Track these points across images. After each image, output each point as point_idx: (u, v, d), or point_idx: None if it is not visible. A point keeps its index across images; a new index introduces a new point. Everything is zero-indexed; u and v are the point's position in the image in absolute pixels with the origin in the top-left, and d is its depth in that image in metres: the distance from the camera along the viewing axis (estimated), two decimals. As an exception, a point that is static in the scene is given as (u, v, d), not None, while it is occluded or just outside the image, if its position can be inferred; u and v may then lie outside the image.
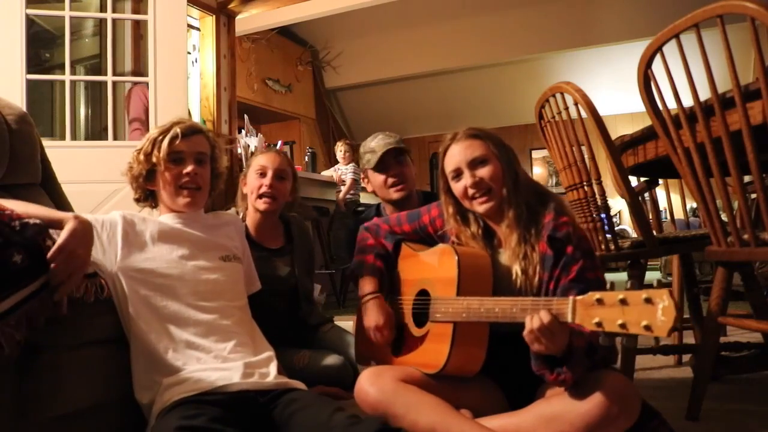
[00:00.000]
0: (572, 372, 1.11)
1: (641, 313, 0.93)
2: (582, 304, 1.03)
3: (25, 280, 1.09)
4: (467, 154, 1.35)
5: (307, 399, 1.24)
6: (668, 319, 0.90)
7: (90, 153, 3.09)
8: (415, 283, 1.46)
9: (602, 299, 0.99)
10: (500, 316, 1.17)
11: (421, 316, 1.39)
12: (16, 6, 2.95)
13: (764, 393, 1.88)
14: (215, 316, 1.39)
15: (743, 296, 1.89)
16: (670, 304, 0.90)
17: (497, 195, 1.33)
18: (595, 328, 0.99)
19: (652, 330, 0.91)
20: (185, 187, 1.46)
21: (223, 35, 4.17)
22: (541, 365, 1.14)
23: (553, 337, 1.07)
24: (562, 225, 1.27)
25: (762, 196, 1.33)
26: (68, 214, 1.23)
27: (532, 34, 7.25)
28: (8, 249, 1.06)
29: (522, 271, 1.29)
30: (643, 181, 2.47)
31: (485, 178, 1.33)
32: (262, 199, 1.95)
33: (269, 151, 2.06)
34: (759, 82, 1.26)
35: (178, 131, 1.45)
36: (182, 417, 1.09)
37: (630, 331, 0.95)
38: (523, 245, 1.30)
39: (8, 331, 1.07)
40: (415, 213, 1.56)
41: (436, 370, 1.28)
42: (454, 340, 1.26)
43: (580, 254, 1.25)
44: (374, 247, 1.58)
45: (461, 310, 1.25)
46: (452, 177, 1.38)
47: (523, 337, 1.11)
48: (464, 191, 1.35)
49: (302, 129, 8.12)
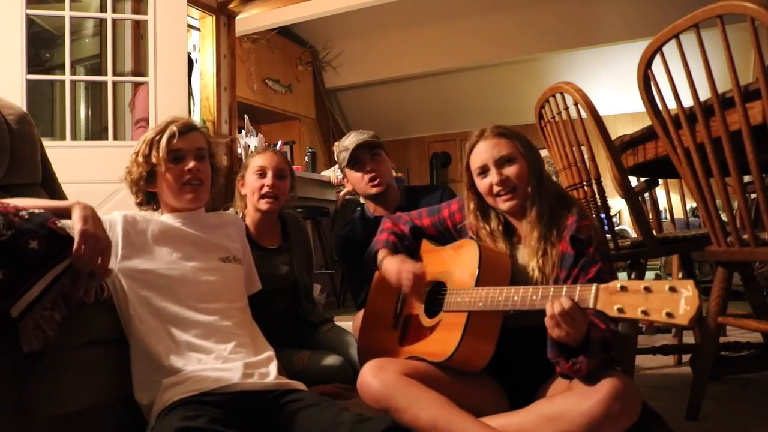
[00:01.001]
0: (588, 362, 1.13)
1: (664, 301, 0.94)
2: (605, 291, 1.04)
3: (47, 264, 1.12)
4: (494, 153, 1.37)
5: (310, 399, 1.24)
6: (691, 308, 0.91)
7: (90, 153, 3.09)
8: (432, 275, 1.46)
9: (626, 287, 1.01)
10: (519, 303, 1.18)
11: (434, 307, 1.40)
12: (16, 6, 2.95)
13: (764, 393, 1.88)
14: (216, 317, 1.39)
15: (743, 296, 1.90)
16: (694, 294, 0.91)
17: (522, 193, 1.35)
18: (617, 314, 1.00)
19: (674, 317, 0.92)
20: (188, 183, 1.47)
21: (223, 35, 4.17)
22: (557, 353, 1.15)
23: (574, 323, 1.08)
24: (585, 228, 1.29)
25: (762, 196, 1.33)
26: (70, 201, 1.25)
27: (532, 34, 7.24)
28: (23, 237, 1.08)
29: (539, 269, 1.30)
30: (643, 181, 2.47)
31: (511, 176, 1.35)
32: (264, 200, 1.95)
33: (266, 151, 2.06)
34: (759, 82, 1.27)
35: (175, 129, 1.45)
36: (182, 418, 1.09)
37: (652, 318, 0.95)
38: (543, 243, 1.32)
39: (47, 314, 1.11)
40: (435, 207, 1.59)
41: (444, 358, 1.28)
42: (466, 330, 1.26)
43: (600, 257, 1.27)
44: (391, 229, 1.60)
45: (478, 299, 1.25)
46: (478, 173, 1.40)
47: (530, 333, 1.11)
48: (489, 188, 1.37)
49: (302, 129, 8.11)
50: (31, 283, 1.10)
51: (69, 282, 1.15)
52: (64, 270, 1.14)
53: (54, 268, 1.13)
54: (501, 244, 1.40)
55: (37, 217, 1.14)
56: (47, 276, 1.12)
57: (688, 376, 1.63)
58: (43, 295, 1.11)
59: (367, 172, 1.99)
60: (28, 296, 1.10)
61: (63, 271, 1.14)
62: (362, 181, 2.01)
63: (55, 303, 1.13)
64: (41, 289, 1.11)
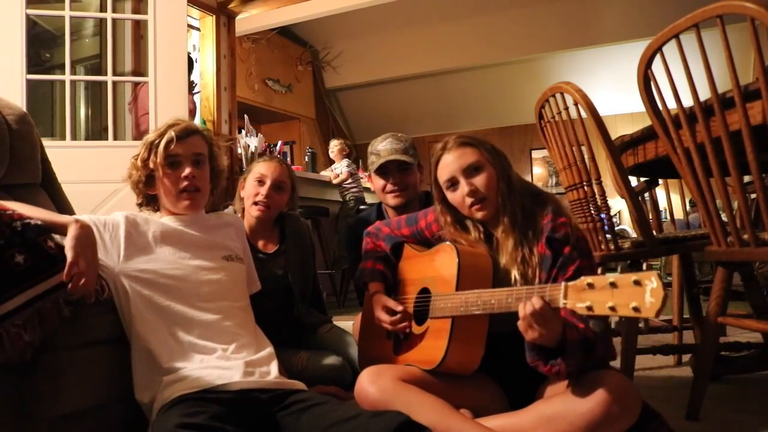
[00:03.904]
0: (566, 364, 1.11)
1: (630, 295, 0.94)
2: (573, 289, 1.04)
3: (29, 280, 1.10)
4: (461, 162, 1.35)
5: (318, 398, 1.24)
6: (656, 300, 0.91)
7: (90, 153, 3.08)
8: (417, 282, 1.46)
9: (593, 283, 1.01)
10: (496, 306, 1.18)
11: (422, 314, 1.40)
12: (16, 6, 2.95)
13: (764, 393, 1.88)
14: (218, 316, 1.39)
15: (743, 296, 1.90)
16: (659, 285, 0.91)
17: (493, 201, 1.34)
18: (586, 312, 1.00)
19: (641, 311, 0.93)
20: (185, 190, 1.46)
21: (223, 35, 4.17)
22: (535, 356, 1.14)
23: (546, 323, 1.07)
24: (561, 226, 1.27)
25: (762, 196, 1.33)
26: (69, 218, 1.24)
27: (532, 34, 7.25)
28: (9, 250, 1.06)
29: (521, 275, 1.29)
30: (643, 181, 2.47)
31: (480, 187, 1.33)
32: (256, 206, 1.96)
33: (271, 160, 2.05)
34: (759, 82, 1.27)
35: (173, 135, 1.44)
36: (183, 414, 1.09)
37: (619, 313, 0.96)
38: (521, 249, 1.30)
39: (14, 331, 1.07)
40: (413, 217, 1.57)
41: (434, 366, 1.28)
42: (452, 336, 1.27)
43: (578, 254, 1.25)
44: (374, 251, 1.60)
45: (459, 304, 1.25)
46: (447, 187, 1.38)
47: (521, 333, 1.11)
48: (462, 200, 1.35)
49: (302, 129, 8.11)
50: (8, 297, 1.06)
51: (50, 305, 1.12)
52: (48, 290, 1.12)
53: (36, 286, 1.10)
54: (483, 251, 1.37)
55: (30, 230, 1.12)
56: (28, 292, 1.09)
57: (688, 376, 1.63)
58: (16, 312, 1.07)
59: (391, 183, 1.97)
60: (1, 308, 1.06)
61: (46, 291, 1.11)
62: (383, 191, 1.99)
63: (29, 322, 1.09)
64: (17, 305, 1.07)
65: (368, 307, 1.56)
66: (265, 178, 1.97)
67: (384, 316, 1.44)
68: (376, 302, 1.48)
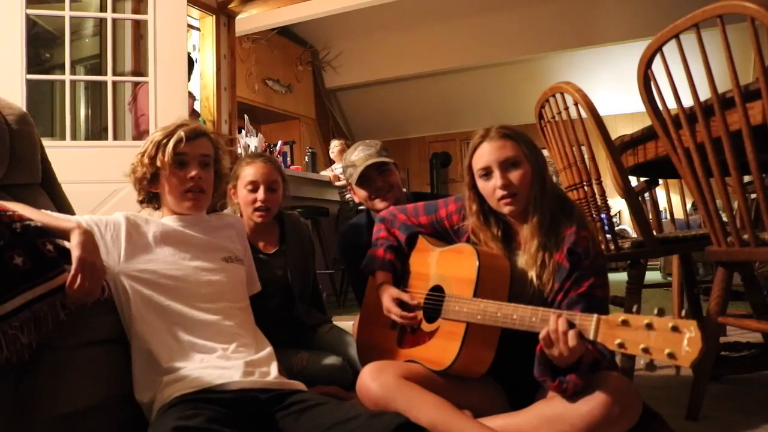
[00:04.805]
0: (575, 384, 1.12)
1: (667, 341, 0.93)
2: (606, 324, 1.03)
3: (28, 282, 1.10)
4: (499, 155, 1.32)
5: (318, 398, 1.24)
6: (693, 350, 0.90)
7: (90, 153, 3.09)
8: (429, 277, 1.45)
9: (628, 321, 0.99)
10: (518, 323, 1.16)
11: (433, 312, 1.39)
12: (16, 6, 2.95)
13: (764, 393, 1.88)
14: (219, 317, 1.39)
15: (743, 296, 1.89)
16: (697, 336, 0.90)
17: (524, 198, 1.31)
18: (617, 349, 0.99)
19: (676, 359, 0.91)
20: (190, 190, 1.46)
21: (223, 35, 4.17)
22: (543, 371, 1.14)
23: (569, 349, 1.07)
24: (583, 239, 1.26)
25: (762, 196, 1.33)
26: (72, 223, 1.24)
27: (532, 34, 7.25)
28: (9, 251, 1.06)
29: (537, 277, 1.28)
30: (643, 181, 2.47)
31: (515, 181, 1.30)
32: (257, 213, 1.95)
33: (255, 161, 2.00)
34: (759, 82, 1.26)
35: (182, 135, 1.44)
36: (179, 417, 1.09)
37: (653, 356, 0.94)
38: (542, 252, 1.29)
39: (11, 333, 1.07)
40: (432, 205, 1.53)
41: (442, 368, 1.28)
42: (465, 341, 1.26)
43: (593, 271, 1.25)
44: (386, 239, 1.56)
45: (476, 312, 1.24)
46: (480, 175, 1.35)
47: (530, 335, 1.11)
48: (492, 191, 1.32)
49: (302, 129, 8.11)
50: (6, 298, 1.06)
51: (47, 308, 1.12)
52: (46, 293, 1.11)
53: (34, 288, 1.10)
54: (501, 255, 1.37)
55: (30, 233, 1.12)
56: (26, 294, 1.09)
57: (688, 376, 1.62)
58: (14, 313, 1.07)
59: (375, 190, 1.95)
60: (0, 309, 1.06)
61: (44, 294, 1.11)
62: (369, 199, 1.98)
63: (26, 324, 1.09)
64: (15, 307, 1.07)
65: (373, 295, 1.55)
66: (257, 183, 1.95)
67: (395, 309, 1.42)
68: (386, 293, 1.47)
